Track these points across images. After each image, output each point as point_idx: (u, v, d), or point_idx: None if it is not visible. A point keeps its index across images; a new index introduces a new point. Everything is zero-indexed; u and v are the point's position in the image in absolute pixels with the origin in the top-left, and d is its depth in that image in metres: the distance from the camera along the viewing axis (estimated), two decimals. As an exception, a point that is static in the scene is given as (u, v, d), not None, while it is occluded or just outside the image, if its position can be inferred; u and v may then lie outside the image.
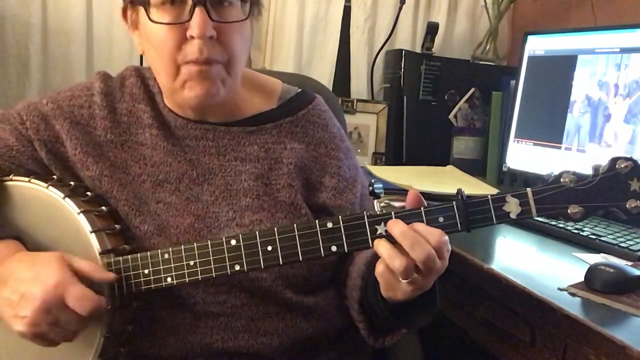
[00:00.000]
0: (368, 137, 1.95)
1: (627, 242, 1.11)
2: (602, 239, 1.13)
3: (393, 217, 0.77)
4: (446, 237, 0.75)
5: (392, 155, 1.95)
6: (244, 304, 0.90)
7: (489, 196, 0.76)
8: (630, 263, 1.01)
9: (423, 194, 0.81)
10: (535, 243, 1.22)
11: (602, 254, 1.09)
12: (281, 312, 0.92)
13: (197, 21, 0.84)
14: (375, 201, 0.81)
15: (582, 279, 0.93)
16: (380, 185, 0.82)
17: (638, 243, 1.11)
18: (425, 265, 0.74)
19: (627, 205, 0.72)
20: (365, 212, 0.79)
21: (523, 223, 1.28)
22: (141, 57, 1.81)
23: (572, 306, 0.85)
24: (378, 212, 0.78)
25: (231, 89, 0.92)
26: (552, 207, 0.74)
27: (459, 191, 0.77)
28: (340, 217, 0.80)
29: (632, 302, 0.86)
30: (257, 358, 0.92)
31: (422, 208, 0.78)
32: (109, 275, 0.84)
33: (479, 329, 1.08)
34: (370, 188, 0.82)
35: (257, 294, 0.90)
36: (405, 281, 0.75)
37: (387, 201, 0.81)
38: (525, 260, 1.14)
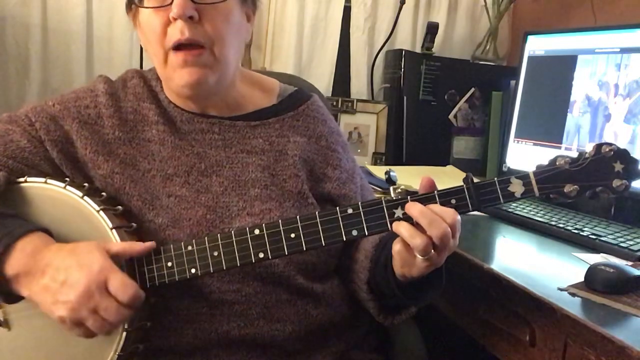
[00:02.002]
0: (368, 137, 1.96)
1: (627, 242, 1.11)
2: (602, 239, 1.13)
3: (409, 200, 0.83)
4: (459, 217, 0.81)
5: (392, 155, 1.95)
6: (257, 292, 0.93)
7: (495, 179, 0.83)
8: (630, 263, 1.02)
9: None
10: (535, 243, 1.22)
11: (602, 254, 1.09)
12: (292, 299, 0.95)
13: (176, 2, 0.88)
14: (391, 187, 0.86)
15: (582, 279, 0.93)
16: (395, 174, 0.87)
17: (638, 243, 1.11)
18: (441, 242, 0.79)
19: (612, 184, 0.80)
20: (383, 198, 0.84)
21: (523, 222, 1.29)
22: (141, 58, 1.83)
23: (572, 306, 0.86)
24: (394, 198, 0.83)
25: (223, 76, 0.94)
26: (551, 187, 0.81)
27: (468, 175, 0.83)
28: (359, 203, 0.84)
29: (632, 302, 0.86)
30: (271, 346, 0.94)
31: (435, 192, 0.83)
32: (149, 244, 0.86)
33: (479, 329, 1.08)
34: (387, 176, 0.87)
35: (269, 281, 0.93)
36: (422, 258, 0.80)
37: (402, 187, 0.85)
38: (525, 260, 1.14)
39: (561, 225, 1.22)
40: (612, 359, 0.76)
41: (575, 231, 1.18)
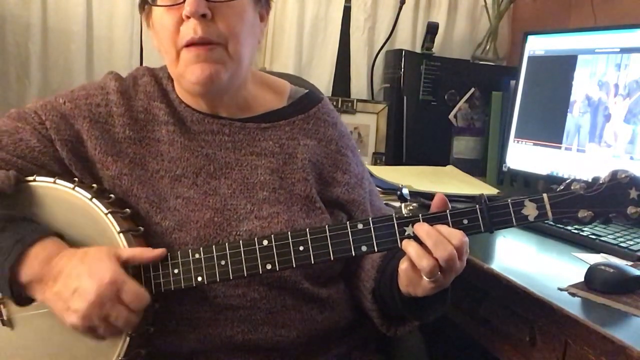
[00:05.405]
0: (368, 137, 1.96)
1: (627, 242, 1.12)
2: (602, 239, 1.13)
3: (420, 219, 0.82)
4: (466, 239, 0.80)
5: (392, 155, 1.95)
6: (263, 297, 0.92)
7: (509, 200, 0.82)
8: (630, 263, 1.02)
9: (423, 194, 0.84)
10: (535, 243, 1.22)
11: (602, 254, 1.09)
12: (298, 304, 0.94)
13: (189, 0, 0.87)
14: (403, 204, 0.85)
15: (582, 279, 0.93)
16: (407, 191, 0.87)
17: (638, 243, 1.11)
18: (447, 264, 0.78)
19: (627, 211, 0.80)
20: (394, 214, 0.83)
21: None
22: (141, 58, 1.83)
23: (572, 306, 0.86)
24: (405, 215, 0.83)
25: (236, 74, 0.93)
26: (565, 211, 0.80)
27: (481, 196, 0.82)
28: (370, 218, 0.83)
29: (632, 302, 0.86)
30: (275, 351, 0.94)
31: (447, 211, 0.82)
32: (160, 251, 0.86)
33: (479, 329, 1.08)
34: (399, 193, 0.87)
35: (275, 286, 0.92)
36: (428, 279, 0.79)
37: (414, 204, 0.85)
38: (525, 260, 1.15)
39: (561, 225, 1.22)
40: (612, 359, 0.76)
41: (575, 231, 1.18)
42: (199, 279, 0.86)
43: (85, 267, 0.80)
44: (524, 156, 1.60)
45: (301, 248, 0.84)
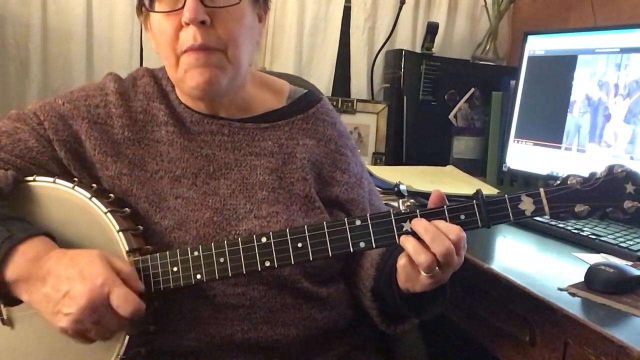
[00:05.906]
0: (368, 137, 1.96)
1: (627, 242, 1.11)
2: (602, 239, 1.13)
3: (418, 215, 0.82)
4: (464, 234, 0.80)
5: (392, 155, 1.95)
6: (263, 296, 0.92)
7: (506, 195, 0.82)
8: (630, 263, 1.02)
9: (423, 194, 0.84)
10: (535, 243, 1.22)
11: (602, 254, 1.09)
12: (297, 303, 0.94)
13: (188, 6, 0.87)
14: (400, 200, 0.85)
15: (582, 279, 0.93)
16: (404, 187, 0.87)
17: (638, 243, 1.11)
18: (444, 259, 0.78)
19: (624, 206, 0.80)
20: (391, 210, 0.83)
21: (523, 223, 1.29)
22: (141, 58, 1.83)
23: (572, 306, 0.86)
24: (403, 211, 0.83)
25: (235, 78, 0.94)
26: (561, 206, 0.81)
27: (478, 191, 0.83)
28: (368, 215, 0.84)
29: (632, 302, 0.86)
30: (275, 350, 0.94)
31: (444, 206, 0.82)
32: (141, 286, 0.84)
33: (479, 329, 1.08)
34: (396, 189, 0.87)
35: (275, 285, 0.92)
36: (426, 275, 0.79)
37: (412, 200, 0.85)
38: (525, 260, 1.14)
39: (561, 225, 1.22)
40: (612, 359, 0.76)
41: (575, 231, 1.18)
42: (198, 276, 0.86)
43: (76, 270, 0.79)
44: (524, 156, 1.60)
45: (299, 245, 0.84)
